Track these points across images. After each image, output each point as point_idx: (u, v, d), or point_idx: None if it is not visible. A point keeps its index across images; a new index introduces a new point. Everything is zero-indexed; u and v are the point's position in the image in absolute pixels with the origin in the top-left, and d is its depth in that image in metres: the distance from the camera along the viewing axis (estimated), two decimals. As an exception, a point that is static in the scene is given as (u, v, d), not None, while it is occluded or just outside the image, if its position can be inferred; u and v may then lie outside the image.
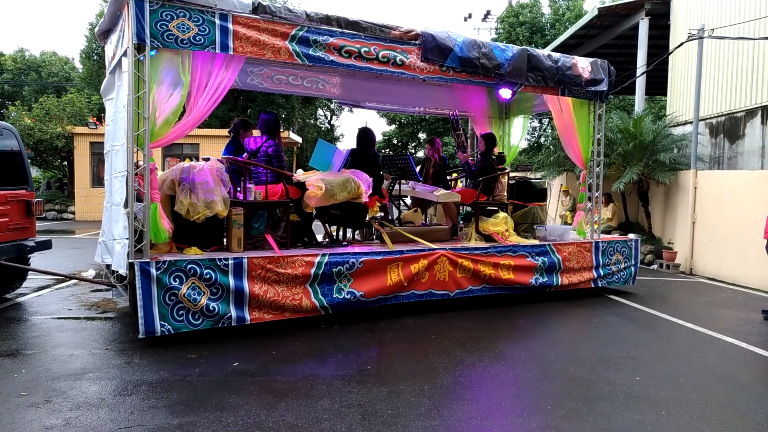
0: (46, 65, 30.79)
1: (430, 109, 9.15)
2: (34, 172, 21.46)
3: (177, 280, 4.63)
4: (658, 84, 15.01)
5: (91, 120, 17.87)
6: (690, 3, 11.32)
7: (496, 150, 7.63)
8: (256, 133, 6.10)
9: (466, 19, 33.62)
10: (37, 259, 6.75)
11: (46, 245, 6.31)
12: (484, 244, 6.52)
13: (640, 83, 12.09)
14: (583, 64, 6.69)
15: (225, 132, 15.04)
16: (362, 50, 5.41)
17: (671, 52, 11.31)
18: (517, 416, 3.47)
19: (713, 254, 9.01)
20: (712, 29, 9.74)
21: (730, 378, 4.27)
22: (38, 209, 6.32)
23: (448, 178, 8.01)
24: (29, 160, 6.81)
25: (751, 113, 9.88)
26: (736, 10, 10.02)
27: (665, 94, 12.97)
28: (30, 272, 6.36)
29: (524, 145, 25.74)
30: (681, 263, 9.59)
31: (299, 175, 6.36)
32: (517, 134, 8.71)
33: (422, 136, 36.95)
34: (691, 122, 10.26)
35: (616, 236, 8.45)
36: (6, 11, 59.87)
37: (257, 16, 4.94)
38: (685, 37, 10.00)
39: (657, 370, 4.37)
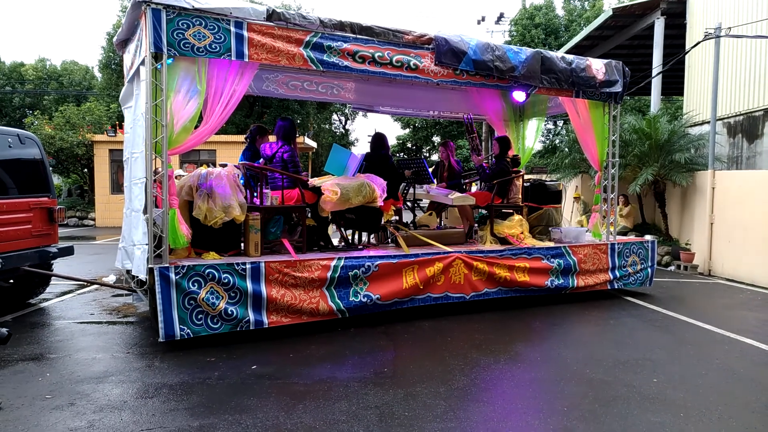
0: (68, 74, 31.35)
1: (444, 113, 9.16)
2: (56, 180, 21.89)
3: (196, 284, 4.70)
4: (674, 84, 14.84)
5: (108, 128, 18.18)
6: (707, 2, 11.20)
7: (511, 153, 7.64)
8: (272, 139, 6.18)
9: (479, 22, 33.67)
10: (59, 265, 6.89)
11: (68, 251, 6.45)
12: (499, 247, 6.51)
13: (656, 84, 11.98)
14: (597, 66, 6.66)
15: (241, 138, 15.14)
16: (376, 55, 5.46)
17: (688, 52, 11.19)
18: (534, 418, 3.47)
19: (732, 255, 8.87)
20: (729, 28, 9.62)
21: (750, 380, 4.22)
22: (60, 216, 6.47)
23: (463, 181, 8.02)
24: (51, 168, 6.95)
25: (770, 112, 9.73)
26: (754, 9, 9.89)
27: (681, 94, 12.83)
28: (53, 278, 6.51)
29: (539, 147, 25.58)
30: (699, 264, 9.47)
31: (315, 180, 6.43)
32: (532, 136, 8.70)
33: (436, 139, 36.94)
34: (708, 122, 10.13)
35: (632, 238, 8.38)
36: (28, 21, 61.26)
37: (272, 23, 5.01)
38: (701, 36, 9.90)
39: (675, 372, 4.33)
